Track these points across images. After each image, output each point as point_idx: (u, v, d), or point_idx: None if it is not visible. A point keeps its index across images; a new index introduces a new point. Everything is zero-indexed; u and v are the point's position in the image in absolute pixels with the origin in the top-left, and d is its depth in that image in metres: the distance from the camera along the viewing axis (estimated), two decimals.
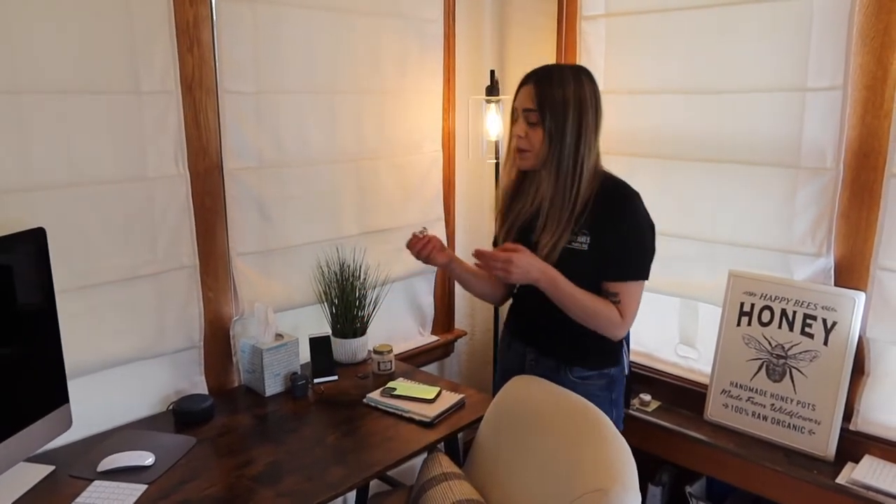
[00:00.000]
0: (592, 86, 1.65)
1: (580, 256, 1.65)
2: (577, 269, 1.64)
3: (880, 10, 1.81)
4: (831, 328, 1.95)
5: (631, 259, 1.66)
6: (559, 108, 1.61)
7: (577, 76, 1.64)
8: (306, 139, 2.15)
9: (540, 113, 1.62)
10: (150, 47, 1.77)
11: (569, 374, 1.75)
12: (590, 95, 1.63)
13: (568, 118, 1.61)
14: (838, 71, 1.88)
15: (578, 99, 1.61)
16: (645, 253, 1.67)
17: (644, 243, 1.67)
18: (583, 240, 1.65)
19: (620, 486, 1.33)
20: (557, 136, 1.62)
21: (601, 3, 2.39)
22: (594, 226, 1.64)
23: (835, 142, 1.91)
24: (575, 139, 1.62)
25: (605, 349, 1.75)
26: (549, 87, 1.62)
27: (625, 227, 1.64)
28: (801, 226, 2.02)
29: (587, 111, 1.62)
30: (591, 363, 1.75)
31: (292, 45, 2.06)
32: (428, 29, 2.47)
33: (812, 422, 1.97)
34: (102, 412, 1.83)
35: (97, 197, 1.73)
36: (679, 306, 2.43)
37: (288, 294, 2.19)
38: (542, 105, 1.62)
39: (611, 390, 1.77)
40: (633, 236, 1.65)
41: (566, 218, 1.64)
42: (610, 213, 1.64)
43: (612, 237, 1.63)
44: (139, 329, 1.86)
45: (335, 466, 1.62)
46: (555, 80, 1.63)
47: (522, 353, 1.83)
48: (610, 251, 1.64)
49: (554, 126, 1.61)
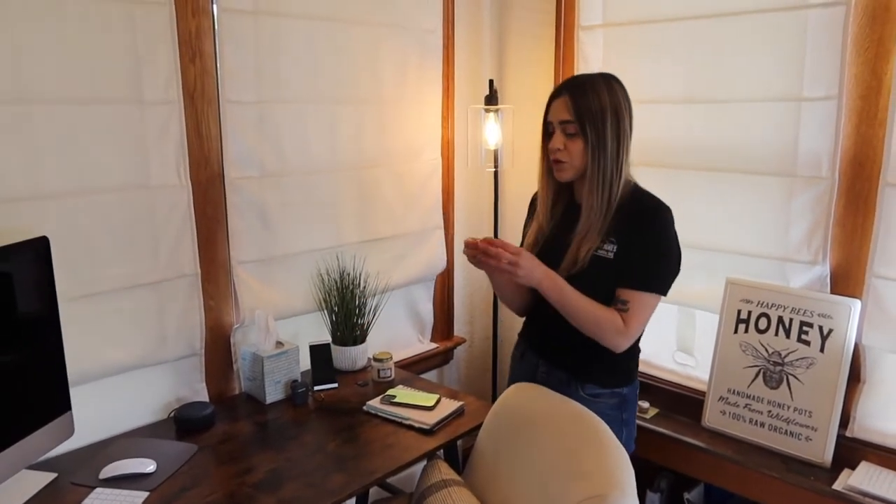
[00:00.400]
0: (624, 92, 1.65)
1: (605, 264, 1.63)
2: (601, 276, 1.62)
3: (874, 21, 1.83)
4: (827, 335, 1.96)
5: (650, 269, 1.62)
6: (597, 117, 1.59)
7: (609, 84, 1.63)
8: (307, 148, 2.17)
9: (578, 124, 1.60)
10: (152, 58, 1.79)
11: (580, 391, 1.72)
12: (623, 101, 1.63)
13: (607, 126, 1.60)
14: (833, 81, 1.90)
15: (615, 106, 1.60)
16: (667, 266, 1.64)
17: (668, 257, 1.64)
18: (609, 248, 1.63)
19: (619, 492, 1.35)
20: (600, 145, 1.60)
21: (599, 13, 2.42)
22: (621, 235, 1.62)
23: (830, 151, 1.93)
24: (616, 146, 1.61)
25: (618, 367, 1.72)
26: (585, 97, 1.60)
27: (651, 237, 1.62)
28: (798, 234, 2.04)
29: (624, 117, 1.62)
30: (604, 381, 1.72)
31: (293, 56, 2.09)
32: (427, 39, 2.49)
33: (809, 428, 1.98)
34: (104, 420, 1.84)
35: (100, 205, 1.75)
36: (677, 314, 2.44)
37: (288, 302, 2.20)
38: (580, 115, 1.60)
39: (622, 410, 1.74)
40: (657, 247, 1.63)
41: (601, 225, 1.63)
42: (639, 224, 1.62)
43: (637, 247, 1.62)
44: (141, 337, 1.87)
45: (335, 473, 1.63)
46: (588, 89, 1.61)
47: (535, 363, 1.81)
48: (631, 257, 1.62)
49: (595, 136, 1.60)
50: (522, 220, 1.90)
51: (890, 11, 1.80)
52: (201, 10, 1.87)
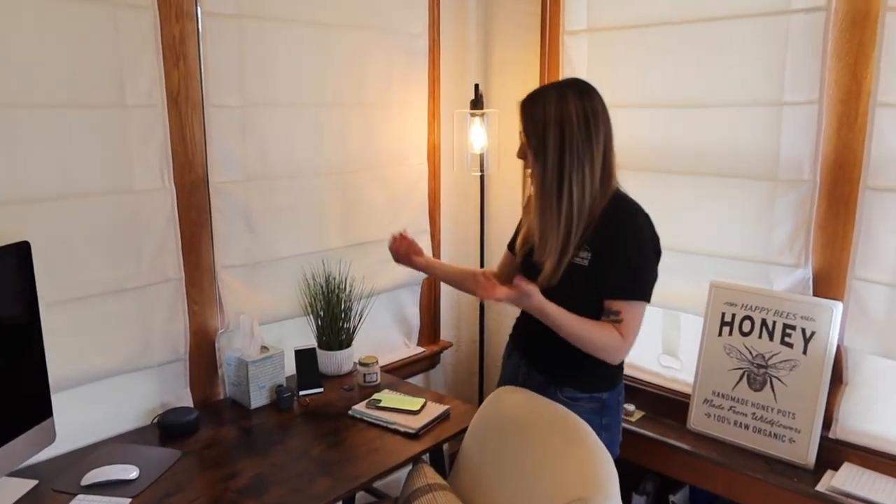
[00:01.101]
0: (580, 101, 1.59)
1: (581, 272, 1.63)
2: (577, 284, 1.63)
3: (854, 27, 1.85)
4: (810, 338, 1.98)
5: (633, 277, 1.61)
6: (539, 127, 1.60)
7: (562, 93, 1.61)
8: (292, 152, 2.17)
9: (525, 133, 1.65)
10: (136, 62, 1.78)
11: (558, 393, 1.72)
12: (576, 111, 1.58)
13: (548, 137, 1.59)
14: (814, 86, 1.92)
15: (560, 116, 1.58)
16: (647, 273, 1.64)
17: (647, 266, 1.64)
18: (584, 255, 1.63)
19: (602, 495, 1.35)
20: (540, 154, 1.61)
21: (583, 18, 2.43)
22: (595, 242, 1.62)
23: (811, 155, 1.95)
24: (557, 157, 1.59)
25: (597, 373, 1.71)
26: (532, 107, 1.63)
27: (627, 245, 1.61)
28: (780, 237, 2.05)
29: (570, 127, 1.58)
30: (583, 385, 1.72)
31: (278, 60, 2.08)
32: (413, 43, 2.50)
33: (792, 430, 1.99)
34: (87, 426, 1.82)
35: (83, 210, 1.74)
36: (662, 317, 2.46)
37: (273, 306, 2.19)
38: (525, 126, 1.64)
39: (601, 415, 1.73)
40: (636, 254, 1.62)
41: (561, 237, 1.62)
42: (612, 231, 1.61)
43: (612, 253, 1.61)
44: (124, 342, 1.86)
45: (320, 478, 1.63)
46: (537, 99, 1.63)
47: (518, 364, 1.83)
48: (610, 267, 1.61)
49: (536, 145, 1.62)
50: (509, 224, 1.91)
51: (869, 18, 1.82)
52: (185, 14, 1.87)
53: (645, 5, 2.24)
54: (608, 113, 1.64)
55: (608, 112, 1.64)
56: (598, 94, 1.64)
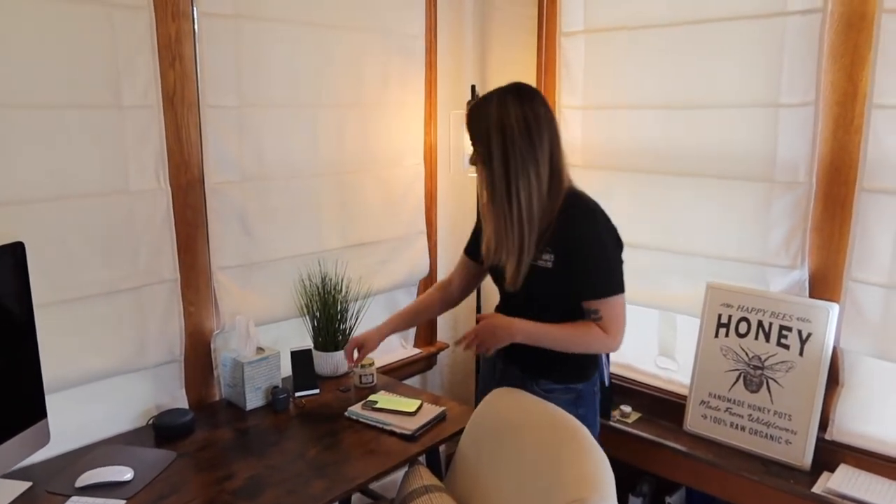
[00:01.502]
0: (521, 107, 1.62)
1: (545, 274, 1.67)
2: (542, 285, 1.68)
3: (850, 29, 1.86)
4: (806, 339, 1.98)
5: (601, 275, 1.66)
6: (483, 134, 1.64)
7: (503, 100, 1.63)
8: (288, 153, 2.16)
9: (472, 141, 1.69)
10: (132, 62, 1.77)
11: (535, 386, 1.75)
12: (516, 117, 1.60)
13: (491, 143, 1.62)
14: (810, 87, 1.93)
15: (500, 124, 1.61)
16: (613, 267, 1.68)
17: (612, 260, 1.68)
18: (547, 258, 1.66)
19: (599, 496, 1.35)
20: (487, 161, 1.65)
21: (580, 19, 2.43)
22: (556, 244, 1.65)
23: (807, 156, 1.96)
24: (502, 163, 1.62)
25: (571, 364, 1.75)
26: (475, 115, 1.67)
27: (586, 244, 1.65)
28: (776, 238, 2.05)
29: (510, 133, 1.60)
30: (557, 377, 1.75)
31: (275, 60, 2.08)
32: (410, 44, 2.49)
33: (788, 432, 1.99)
34: (81, 427, 1.82)
35: (78, 210, 1.73)
36: (658, 318, 2.46)
37: (269, 307, 2.19)
38: (471, 133, 1.68)
39: (577, 405, 1.75)
40: (601, 253, 1.66)
41: (515, 241, 1.65)
42: (570, 231, 1.64)
43: (575, 255, 1.64)
44: (119, 343, 1.85)
45: (316, 480, 1.62)
46: (480, 106, 1.67)
47: (494, 361, 1.87)
48: (577, 269, 1.65)
49: (482, 152, 1.65)
50: None
51: (865, 19, 1.82)
52: (181, 14, 1.86)
53: (641, 7, 2.25)
54: (553, 115, 1.67)
55: (553, 114, 1.68)
56: (540, 98, 1.66)
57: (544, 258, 1.67)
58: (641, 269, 2.36)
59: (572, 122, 2.50)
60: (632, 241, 2.35)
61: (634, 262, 2.35)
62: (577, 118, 2.48)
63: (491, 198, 1.67)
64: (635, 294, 2.38)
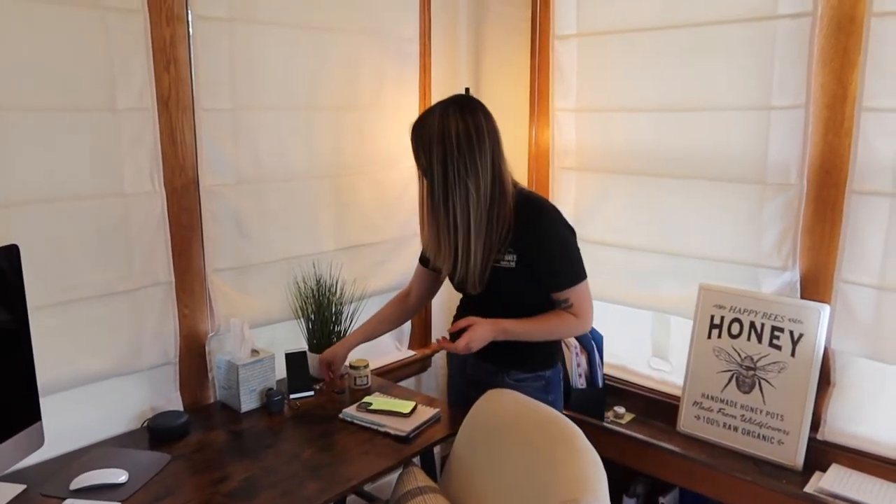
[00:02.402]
0: (462, 118, 1.69)
1: (509, 273, 1.77)
2: (508, 284, 1.78)
3: (839, 32, 1.87)
4: (798, 340, 1.99)
5: (568, 267, 1.78)
6: (425, 146, 1.71)
7: (445, 111, 1.70)
8: (284, 155, 2.17)
9: (415, 154, 1.76)
10: (126, 66, 1.78)
11: (506, 378, 1.86)
12: (457, 129, 1.67)
13: (432, 154, 1.70)
14: (801, 90, 1.94)
15: (442, 136, 1.68)
16: (574, 257, 1.79)
17: (571, 250, 1.80)
18: (510, 258, 1.76)
19: (592, 496, 1.36)
20: (428, 172, 1.73)
21: (573, 23, 2.45)
22: (517, 244, 1.75)
23: (798, 158, 1.97)
24: (442, 174, 1.69)
25: (539, 353, 1.87)
26: (418, 128, 1.74)
27: (549, 241, 1.76)
28: (768, 240, 2.07)
29: (451, 145, 1.67)
30: (526, 366, 1.86)
31: (270, 63, 2.09)
32: (405, 47, 2.50)
33: (781, 432, 2.01)
34: (76, 430, 1.82)
35: (73, 213, 1.73)
36: (651, 319, 2.47)
37: (264, 310, 2.19)
38: (414, 146, 1.75)
39: (547, 392, 1.88)
40: (560, 247, 1.77)
41: (452, 248, 1.75)
42: (531, 231, 1.74)
43: (539, 253, 1.75)
44: (114, 346, 1.85)
45: (311, 481, 1.63)
46: (423, 120, 1.75)
47: (464, 357, 1.92)
48: (542, 266, 1.76)
49: (425, 163, 1.73)
50: None
51: (855, 23, 1.84)
52: (176, 17, 1.87)
53: (634, 10, 2.26)
54: (494, 124, 1.74)
55: (494, 124, 1.75)
56: (482, 108, 1.74)
57: (507, 259, 1.76)
58: (635, 271, 2.37)
59: (566, 124, 2.51)
60: (625, 243, 2.39)
61: (628, 264, 2.39)
62: (571, 121, 2.50)
63: (430, 207, 1.76)
64: (630, 296, 2.41)
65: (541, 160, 2.61)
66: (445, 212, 1.72)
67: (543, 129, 2.60)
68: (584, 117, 2.46)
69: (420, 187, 1.83)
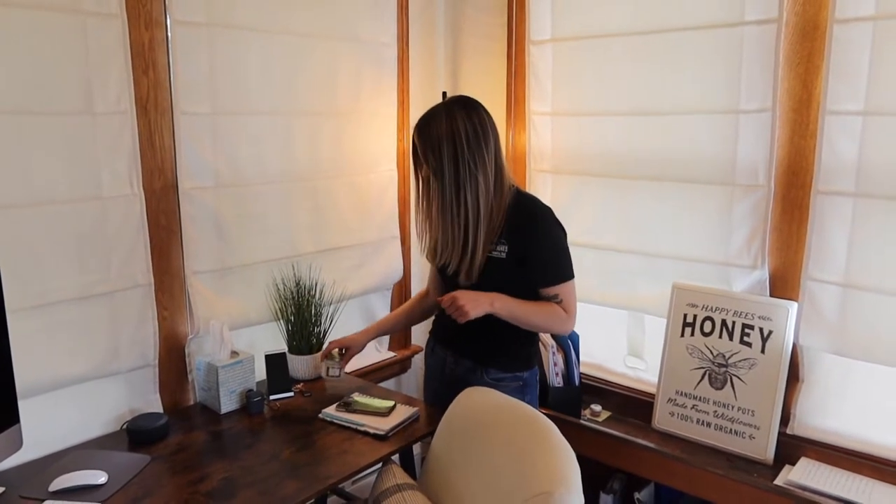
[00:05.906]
0: (467, 116, 1.78)
1: (499, 263, 1.82)
2: (497, 274, 1.82)
3: (804, 38, 1.93)
4: (767, 337, 2.05)
5: (559, 263, 1.84)
6: (434, 146, 1.78)
7: (450, 111, 1.79)
8: (263, 159, 2.19)
9: (422, 155, 1.82)
10: (105, 69, 1.79)
11: (485, 376, 1.90)
12: (463, 126, 1.76)
13: (442, 153, 1.76)
14: (767, 94, 2.00)
15: (451, 135, 1.76)
16: (565, 255, 1.86)
17: (562, 247, 1.86)
18: (501, 249, 1.82)
19: (565, 488, 1.39)
20: (438, 171, 1.78)
21: (548, 28, 2.49)
22: (510, 237, 1.81)
23: (766, 160, 2.03)
24: (453, 172, 1.76)
25: (517, 354, 1.93)
26: (425, 130, 1.80)
27: (544, 239, 1.82)
28: (738, 240, 2.12)
29: (460, 141, 1.75)
30: (505, 366, 1.91)
31: (249, 68, 2.11)
32: (382, 52, 2.53)
33: (752, 427, 2.06)
34: (55, 432, 1.82)
35: (51, 216, 1.74)
36: (627, 319, 2.51)
37: (244, 312, 2.21)
38: (422, 148, 1.81)
39: (523, 393, 1.92)
40: (553, 244, 1.83)
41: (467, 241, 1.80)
42: (526, 227, 1.80)
43: (530, 247, 1.80)
44: (93, 348, 1.86)
45: (289, 480, 1.64)
46: (429, 121, 1.81)
47: (443, 356, 1.99)
48: (534, 261, 1.81)
49: (434, 163, 1.78)
50: None
51: (818, 29, 1.90)
52: (154, 22, 1.88)
53: (607, 16, 2.31)
54: (493, 120, 1.84)
55: (493, 119, 1.84)
56: (482, 107, 1.83)
57: (498, 249, 1.82)
58: (610, 272, 2.42)
59: (542, 128, 2.55)
60: (600, 244, 2.43)
61: (603, 264, 2.43)
62: (547, 124, 2.54)
63: (440, 207, 1.81)
64: (605, 296, 2.45)
65: (518, 163, 2.65)
66: (458, 206, 1.78)
67: (520, 133, 2.64)
68: (560, 121, 2.50)
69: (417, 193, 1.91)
